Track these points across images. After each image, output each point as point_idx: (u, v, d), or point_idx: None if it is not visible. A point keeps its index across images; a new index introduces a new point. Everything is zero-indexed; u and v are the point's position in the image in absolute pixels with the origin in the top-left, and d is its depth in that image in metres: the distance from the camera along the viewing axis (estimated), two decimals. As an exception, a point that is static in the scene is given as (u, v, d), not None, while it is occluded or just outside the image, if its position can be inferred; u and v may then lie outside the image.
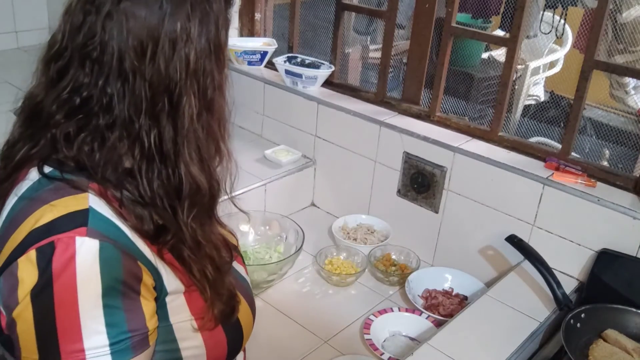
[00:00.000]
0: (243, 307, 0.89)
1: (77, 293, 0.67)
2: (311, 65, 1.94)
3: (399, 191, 1.74)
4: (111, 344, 0.69)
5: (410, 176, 1.69)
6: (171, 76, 0.73)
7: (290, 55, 2.02)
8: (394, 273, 1.63)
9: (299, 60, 1.97)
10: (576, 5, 2.11)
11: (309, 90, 1.92)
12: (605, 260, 1.35)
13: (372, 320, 1.43)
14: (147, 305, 0.74)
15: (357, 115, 1.78)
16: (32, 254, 0.67)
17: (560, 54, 2.81)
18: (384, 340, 1.41)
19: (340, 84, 1.98)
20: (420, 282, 1.58)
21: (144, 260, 0.73)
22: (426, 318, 1.45)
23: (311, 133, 1.93)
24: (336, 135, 1.86)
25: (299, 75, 1.91)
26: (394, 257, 1.71)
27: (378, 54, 1.89)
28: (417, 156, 1.66)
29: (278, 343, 1.37)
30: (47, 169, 0.75)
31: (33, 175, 0.75)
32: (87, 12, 0.72)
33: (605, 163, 1.99)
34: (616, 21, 2.09)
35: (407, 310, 1.49)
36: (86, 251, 0.68)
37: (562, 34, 2.26)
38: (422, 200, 1.69)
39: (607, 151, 2.14)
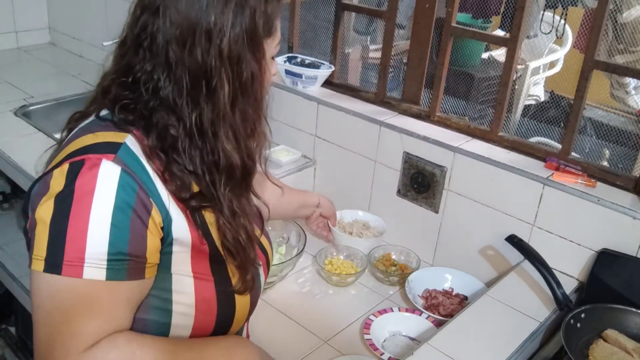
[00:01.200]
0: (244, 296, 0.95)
1: (91, 204, 0.76)
2: (311, 65, 1.94)
3: (399, 191, 1.74)
4: (109, 260, 0.76)
5: (410, 176, 1.69)
6: (207, 64, 0.82)
7: (290, 55, 2.02)
8: (394, 273, 1.63)
9: (299, 60, 1.97)
10: (576, 5, 2.11)
11: (309, 90, 1.92)
12: (605, 260, 1.35)
13: (372, 320, 1.43)
14: (152, 240, 0.80)
15: (357, 115, 1.78)
16: (65, 166, 0.78)
17: (560, 54, 2.81)
18: (384, 340, 1.41)
19: (340, 84, 1.98)
20: (420, 282, 1.58)
21: (158, 199, 0.81)
22: (426, 318, 1.45)
23: (311, 133, 1.93)
24: (336, 135, 1.86)
25: (299, 75, 1.91)
26: (394, 257, 1.71)
27: (378, 54, 1.89)
28: (417, 156, 1.66)
29: (278, 343, 1.37)
30: (103, 112, 0.88)
31: (92, 118, 0.88)
32: (144, 6, 0.84)
33: (605, 163, 1.99)
34: (616, 21, 2.09)
35: (407, 310, 1.49)
36: (108, 172, 0.77)
37: (562, 34, 2.25)
38: (422, 200, 1.69)
39: (607, 151, 2.14)
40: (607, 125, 2.43)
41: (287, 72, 1.94)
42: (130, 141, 0.82)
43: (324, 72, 1.92)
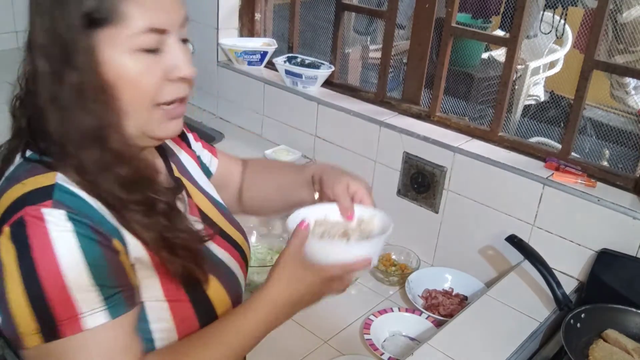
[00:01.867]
0: (214, 285, 0.87)
1: (57, 258, 0.69)
2: (311, 65, 1.94)
3: (399, 191, 1.74)
4: (105, 299, 0.71)
5: (410, 176, 1.69)
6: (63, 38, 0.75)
7: (290, 55, 2.02)
8: (394, 273, 1.63)
9: (299, 60, 1.97)
10: (576, 5, 2.11)
11: (309, 90, 1.92)
12: (605, 260, 1.35)
13: (372, 320, 1.43)
14: (128, 264, 0.76)
15: (357, 115, 1.78)
16: (6, 231, 0.70)
17: (560, 54, 2.81)
18: (384, 340, 1.41)
19: (340, 84, 1.98)
20: (420, 282, 1.58)
21: (109, 226, 0.75)
22: (426, 318, 1.45)
23: (311, 133, 1.93)
24: (336, 135, 1.86)
25: (299, 75, 1.91)
26: (394, 257, 1.71)
27: (378, 54, 1.89)
28: (417, 156, 1.66)
29: (278, 343, 1.37)
30: (28, 153, 0.79)
31: (17, 159, 0.80)
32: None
33: (605, 163, 1.99)
34: (616, 21, 2.09)
35: (407, 310, 1.49)
36: (53, 220, 0.70)
37: (562, 34, 2.25)
38: (422, 200, 1.69)
39: (607, 151, 2.14)
40: (607, 125, 2.43)
41: (287, 72, 1.94)
42: (61, 178, 0.75)
43: (324, 72, 1.92)
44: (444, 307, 1.50)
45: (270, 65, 2.09)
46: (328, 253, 0.85)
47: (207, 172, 1.11)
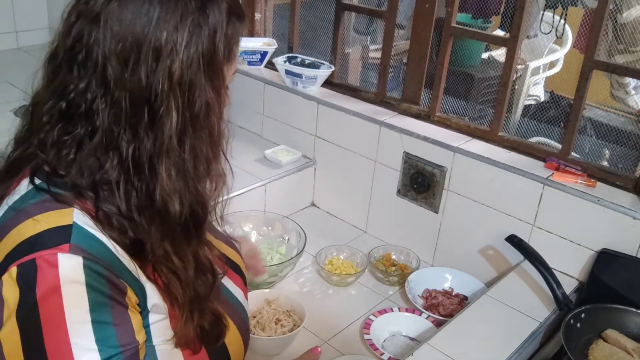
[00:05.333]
0: (232, 332, 0.85)
1: (64, 312, 0.65)
2: (311, 65, 1.94)
3: (399, 191, 1.74)
4: (104, 359, 0.67)
5: (410, 176, 1.69)
6: (152, 87, 0.69)
7: (290, 55, 2.02)
8: (394, 273, 1.63)
9: (299, 60, 1.97)
10: (576, 5, 2.11)
11: (309, 90, 1.92)
12: (605, 260, 1.35)
13: (372, 320, 1.43)
14: (135, 319, 0.72)
15: (357, 115, 1.78)
16: (13, 271, 0.66)
17: (560, 54, 2.81)
18: (384, 340, 1.41)
19: (340, 84, 1.98)
20: (420, 282, 1.58)
21: (128, 275, 0.71)
22: (426, 318, 1.45)
23: (311, 133, 1.93)
24: (336, 135, 1.86)
25: (299, 75, 1.91)
26: (394, 257, 1.71)
27: (378, 54, 1.89)
28: (417, 156, 1.66)
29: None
30: (37, 181, 0.73)
31: (23, 185, 0.74)
32: (80, 12, 0.71)
33: (605, 163, 1.99)
34: (616, 21, 2.09)
35: (407, 310, 1.49)
36: (70, 268, 0.66)
37: (562, 34, 2.25)
38: (422, 200, 1.69)
39: (607, 151, 2.14)
40: (607, 125, 2.43)
41: (287, 72, 1.94)
42: (78, 217, 0.70)
43: (324, 72, 1.92)
44: (444, 307, 1.50)
45: (270, 65, 2.09)
46: None
47: None
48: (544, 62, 2.78)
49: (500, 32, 2.23)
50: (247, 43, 2.15)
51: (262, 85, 2.04)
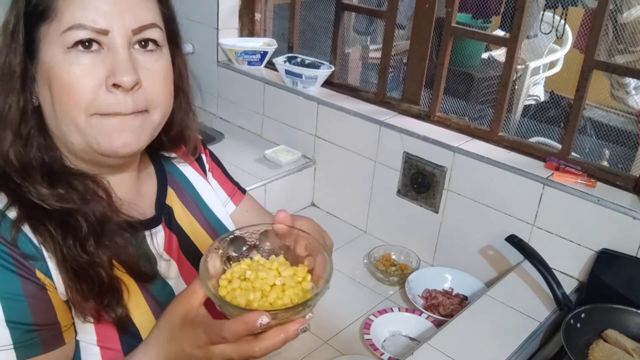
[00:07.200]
0: (143, 309, 0.78)
1: None
2: (311, 65, 1.94)
3: (399, 191, 1.74)
4: (14, 338, 0.65)
5: (410, 176, 1.69)
6: None
7: (290, 55, 2.02)
8: (394, 273, 1.63)
9: (299, 60, 1.97)
10: (576, 5, 2.12)
11: (309, 90, 1.92)
12: (605, 260, 1.35)
13: (372, 320, 1.43)
14: (56, 299, 0.69)
15: (357, 115, 1.78)
16: None
17: (560, 54, 2.81)
18: (384, 340, 1.41)
19: (340, 84, 1.98)
20: (420, 282, 1.58)
21: (33, 252, 0.68)
22: (426, 318, 1.45)
23: (311, 133, 1.93)
24: (336, 135, 1.86)
25: (299, 75, 1.91)
26: (394, 257, 1.71)
27: (378, 54, 1.89)
28: (417, 156, 1.66)
29: (278, 343, 1.37)
30: None
31: None
32: None
33: (605, 163, 1.99)
34: (616, 21, 2.09)
35: (407, 310, 1.49)
36: None
37: (562, 34, 2.26)
38: (422, 200, 1.69)
39: (607, 151, 2.14)
40: (607, 125, 2.43)
41: (287, 72, 1.94)
42: None
43: (324, 72, 1.92)
44: (444, 307, 1.50)
45: (270, 65, 2.09)
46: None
47: None
48: (544, 62, 2.79)
49: (500, 32, 2.23)
50: (247, 43, 2.15)
51: (262, 85, 2.04)
